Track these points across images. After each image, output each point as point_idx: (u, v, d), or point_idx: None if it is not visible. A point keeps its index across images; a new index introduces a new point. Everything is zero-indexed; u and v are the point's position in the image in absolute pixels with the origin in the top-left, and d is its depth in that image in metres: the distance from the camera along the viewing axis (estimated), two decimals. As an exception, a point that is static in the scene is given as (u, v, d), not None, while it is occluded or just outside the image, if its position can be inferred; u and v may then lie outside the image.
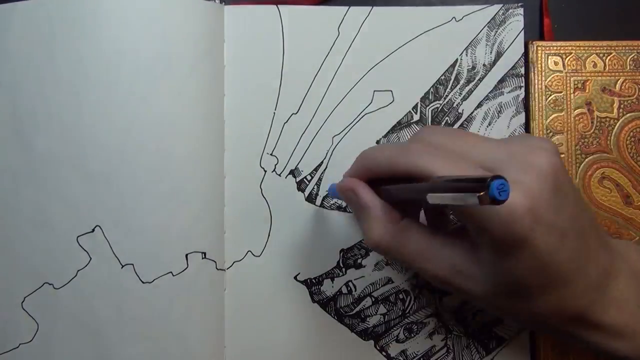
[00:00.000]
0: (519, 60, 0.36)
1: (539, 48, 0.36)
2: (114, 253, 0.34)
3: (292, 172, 0.36)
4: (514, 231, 0.23)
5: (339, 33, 0.36)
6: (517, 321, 0.30)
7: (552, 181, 0.25)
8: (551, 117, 0.36)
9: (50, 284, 0.35)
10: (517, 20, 0.36)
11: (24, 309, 0.35)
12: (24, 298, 0.35)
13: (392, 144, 0.28)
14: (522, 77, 0.36)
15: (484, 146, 0.26)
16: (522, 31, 0.36)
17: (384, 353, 0.36)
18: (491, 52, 0.36)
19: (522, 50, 0.36)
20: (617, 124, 0.36)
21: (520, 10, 0.36)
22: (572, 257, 0.25)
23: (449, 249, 0.27)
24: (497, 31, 0.36)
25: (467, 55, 0.36)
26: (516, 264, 0.24)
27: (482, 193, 0.18)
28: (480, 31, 0.36)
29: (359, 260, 0.36)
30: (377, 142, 0.36)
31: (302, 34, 0.36)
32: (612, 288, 0.27)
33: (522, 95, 0.36)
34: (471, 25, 0.36)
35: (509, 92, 0.36)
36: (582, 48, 0.36)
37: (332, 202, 0.36)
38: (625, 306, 0.27)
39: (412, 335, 0.36)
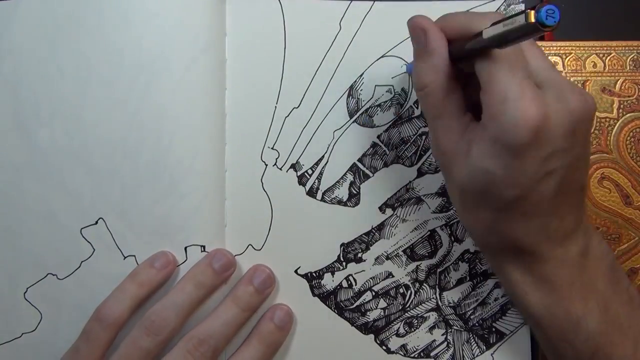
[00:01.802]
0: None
1: None
2: (116, 245, 0.35)
3: (293, 166, 0.36)
4: (514, 134, 0.25)
5: (340, 27, 0.36)
6: (469, 226, 0.31)
7: (572, 124, 0.26)
8: None
9: (54, 275, 0.35)
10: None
11: (27, 300, 0.35)
12: (27, 288, 0.35)
13: (471, 11, 0.31)
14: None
15: (544, 60, 0.28)
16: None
17: (384, 347, 0.36)
18: (493, 47, 0.36)
19: (525, 45, 0.36)
20: (617, 124, 0.35)
21: (522, 7, 0.36)
22: (546, 196, 0.27)
23: (466, 131, 0.28)
24: (499, 26, 0.36)
25: (469, 49, 0.36)
26: (498, 168, 0.26)
27: (531, 12, 0.21)
28: (482, 26, 0.36)
29: (359, 255, 0.36)
30: (378, 137, 0.36)
31: (304, 27, 0.36)
32: (560, 248, 0.28)
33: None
34: (473, 19, 0.36)
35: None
36: (582, 48, 0.36)
37: (332, 197, 0.36)
38: (561, 267, 0.28)
39: (412, 329, 0.36)
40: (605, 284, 0.29)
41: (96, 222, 0.35)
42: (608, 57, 0.35)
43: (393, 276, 0.36)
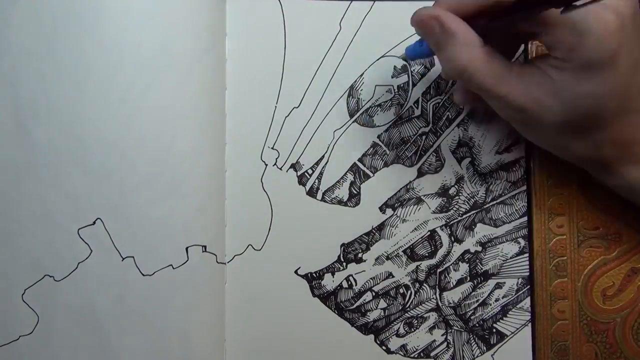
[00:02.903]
0: (519, 56, 0.36)
1: (538, 48, 0.36)
2: (114, 245, 0.34)
3: (293, 166, 0.36)
4: (605, 47, 0.26)
5: (340, 27, 0.36)
6: (573, 154, 0.31)
7: (633, 7, 0.27)
8: None
9: (50, 276, 0.35)
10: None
11: (24, 301, 0.35)
12: (25, 290, 0.35)
13: None
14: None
15: None
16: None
17: (384, 347, 0.36)
18: (493, 47, 0.36)
19: (523, 47, 0.36)
20: None
21: (522, 6, 0.36)
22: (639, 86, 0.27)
23: (527, 79, 0.28)
24: (498, 26, 0.36)
25: (468, 50, 0.36)
26: (599, 86, 0.27)
27: None
28: (482, 26, 0.36)
29: (359, 255, 0.36)
30: (379, 136, 0.36)
31: (304, 27, 0.36)
32: None
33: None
34: (473, 20, 0.36)
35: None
36: None
37: (333, 197, 0.36)
38: None
39: (412, 329, 0.36)
40: None
41: (94, 223, 0.35)
42: None
43: (393, 276, 0.36)
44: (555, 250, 0.35)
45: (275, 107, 0.36)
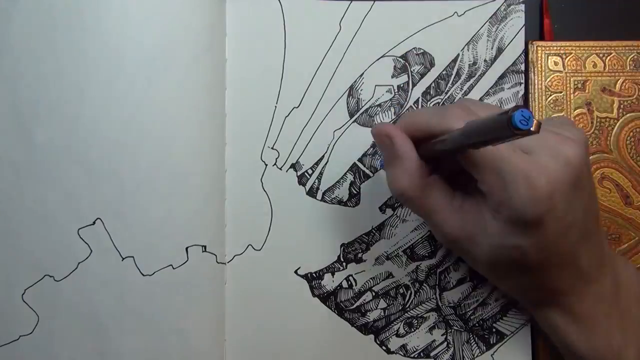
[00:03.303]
0: (519, 56, 0.36)
1: (539, 48, 0.36)
2: (114, 245, 0.34)
3: (293, 166, 0.36)
4: (531, 213, 0.25)
5: (340, 27, 0.36)
6: (502, 287, 0.32)
7: (575, 173, 0.26)
8: (551, 117, 0.36)
9: (50, 277, 0.35)
10: (518, 17, 0.36)
11: (24, 301, 0.35)
12: (25, 290, 0.35)
13: (431, 108, 0.30)
14: (522, 74, 0.36)
15: None
16: (523, 27, 0.36)
17: (384, 347, 0.36)
18: (492, 48, 0.36)
19: (523, 47, 0.36)
20: (617, 124, 0.35)
21: (522, 7, 0.36)
22: (571, 244, 0.27)
23: (464, 213, 0.29)
24: (498, 27, 0.36)
25: (468, 50, 0.36)
26: (523, 242, 0.27)
27: (507, 117, 0.20)
28: (482, 26, 0.36)
29: (359, 255, 0.36)
30: (378, 136, 0.36)
31: (304, 27, 0.36)
32: (594, 285, 0.29)
33: (522, 92, 0.36)
34: (473, 20, 0.36)
35: (509, 88, 0.36)
36: (582, 48, 0.36)
37: (333, 197, 0.36)
38: (598, 304, 0.29)
39: (412, 329, 0.36)
40: (638, 308, 0.30)
41: (94, 223, 0.35)
42: (608, 57, 0.36)
43: (393, 276, 0.36)
44: None
45: (275, 107, 0.36)
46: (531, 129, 0.20)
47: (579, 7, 0.37)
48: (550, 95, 0.36)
